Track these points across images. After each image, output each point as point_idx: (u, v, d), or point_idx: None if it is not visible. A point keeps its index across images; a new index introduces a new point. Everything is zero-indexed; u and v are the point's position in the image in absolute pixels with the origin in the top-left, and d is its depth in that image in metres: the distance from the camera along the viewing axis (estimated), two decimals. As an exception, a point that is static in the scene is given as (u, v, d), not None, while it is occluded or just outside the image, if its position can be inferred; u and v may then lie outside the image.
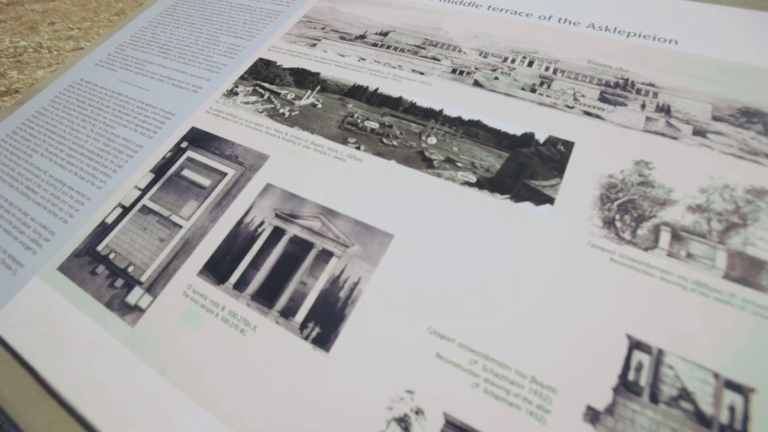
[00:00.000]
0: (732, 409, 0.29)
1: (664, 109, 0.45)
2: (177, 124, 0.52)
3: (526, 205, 0.38)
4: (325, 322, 0.34)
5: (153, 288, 0.39)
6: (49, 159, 0.54)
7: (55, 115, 0.59)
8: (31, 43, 3.68)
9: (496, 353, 0.31)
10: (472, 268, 0.36)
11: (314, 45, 0.55)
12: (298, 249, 0.38)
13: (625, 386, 0.30)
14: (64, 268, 0.43)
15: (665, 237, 0.36)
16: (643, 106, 0.45)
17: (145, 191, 0.47)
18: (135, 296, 0.39)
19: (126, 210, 0.46)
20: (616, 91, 0.46)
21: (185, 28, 0.65)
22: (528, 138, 0.43)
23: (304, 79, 0.51)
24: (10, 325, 0.40)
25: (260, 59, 0.55)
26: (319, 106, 0.48)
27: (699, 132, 0.42)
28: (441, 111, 0.45)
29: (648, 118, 0.44)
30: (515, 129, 0.43)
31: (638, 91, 0.46)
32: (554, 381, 0.30)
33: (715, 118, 0.43)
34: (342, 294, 0.35)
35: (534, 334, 0.32)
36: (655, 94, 0.46)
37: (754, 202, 0.37)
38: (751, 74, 0.46)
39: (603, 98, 0.46)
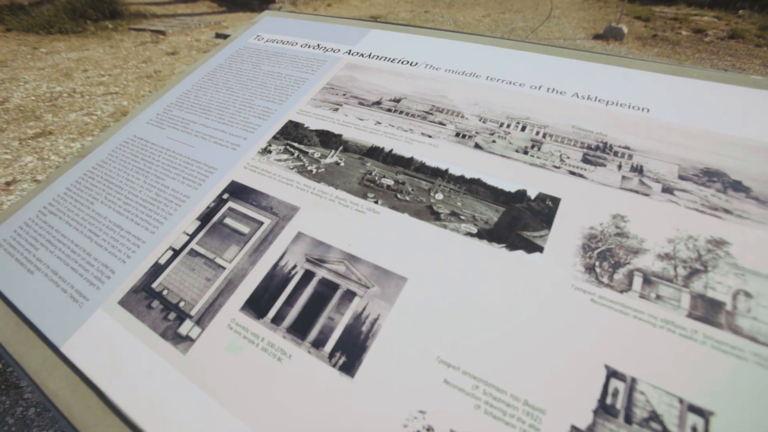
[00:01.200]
0: (694, 430, 0.34)
1: (638, 169, 0.52)
2: (219, 178, 0.60)
3: (520, 254, 0.45)
4: (350, 352, 0.41)
5: (201, 321, 0.46)
6: (108, 206, 0.62)
7: (113, 167, 0.69)
8: (66, 89, 3.94)
9: (494, 379, 0.37)
10: (474, 307, 0.42)
11: (336, 109, 0.65)
12: (326, 289, 0.45)
13: (604, 409, 0.35)
14: (123, 302, 0.50)
15: (638, 281, 0.42)
16: (620, 167, 0.53)
17: (192, 236, 0.54)
18: (186, 328, 0.46)
19: (176, 252, 0.53)
20: (597, 153, 0.54)
21: (224, 92, 0.75)
22: (521, 194, 0.50)
23: (328, 139, 0.60)
24: (78, 351, 0.47)
25: (290, 121, 0.65)
26: (342, 164, 0.56)
27: (667, 189, 0.50)
28: (447, 170, 0.53)
29: (624, 177, 0.52)
30: (510, 186, 0.51)
31: (615, 153, 0.54)
32: (543, 403, 0.36)
33: (681, 177, 0.51)
34: (364, 328, 0.42)
35: (526, 363, 0.38)
36: (630, 156, 0.54)
37: (714, 251, 0.44)
38: (713, 139, 0.54)
39: (585, 159, 0.54)
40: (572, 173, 0.52)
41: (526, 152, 0.55)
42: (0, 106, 3.62)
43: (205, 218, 0.56)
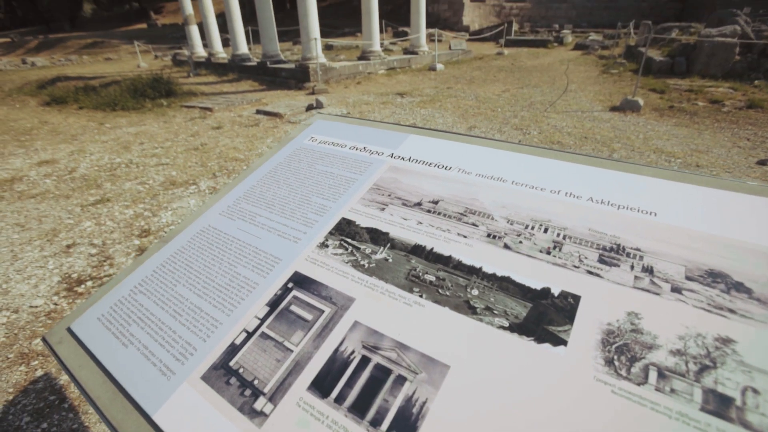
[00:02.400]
0: None
1: (648, 270, 0.60)
2: (283, 268, 0.72)
3: (546, 346, 0.53)
4: (403, 431, 0.48)
5: (273, 398, 0.54)
6: (189, 289, 0.74)
7: (192, 254, 0.82)
8: (124, 160, 4.41)
9: (530, 465, 0.43)
10: (507, 393, 0.49)
11: (383, 209, 0.77)
12: (381, 373, 0.53)
13: (630, 498, 0.40)
14: (205, 378, 0.59)
15: (653, 375, 0.48)
16: (632, 267, 0.61)
17: (263, 320, 0.65)
18: (260, 404, 0.54)
19: (249, 334, 0.63)
20: (611, 254, 0.63)
21: (285, 189, 0.90)
22: (545, 292, 0.59)
23: (377, 236, 0.72)
24: (167, 420, 0.56)
25: (343, 218, 0.77)
26: (390, 260, 0.67)
27: (676, 289, 0.57)
28: (480, 268, 0.63)
29: (636, 277, 0.59)
30: (536, 284, 0.60)
31: (628, 255, 0.62)
32: (575, 490, 0.41)
33: (688, 278, 0.58)
34: (414, 410, 0.49)
35: (558, 451, 0.44)
36: (641, 257, 0.62)
37: (721, 349, 0.50)
38: (715, 242, 0.62)
39: (601, 260, 0.62)
40: (590, 272, 0.60)
41: (548, 252, 0.64)
42: (68, 175, 4.06)
43: (273, 304, 0.66)
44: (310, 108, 5.97)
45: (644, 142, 4.48)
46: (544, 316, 0.55)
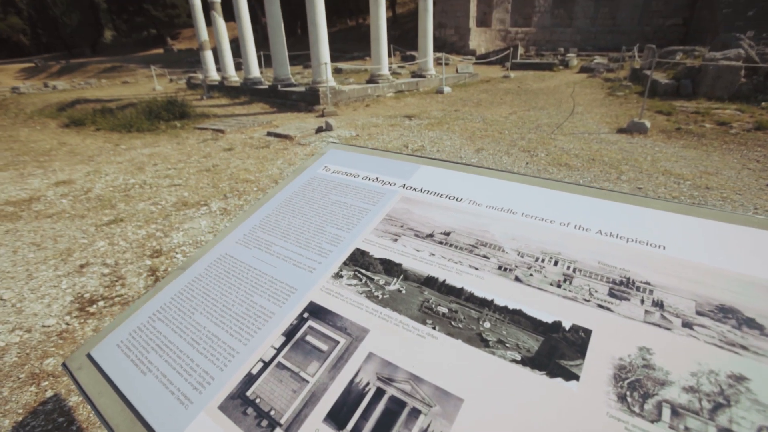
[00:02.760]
0: None
1: (659, 304, 0.61)
2: (299, 298, 0.74)
3: (559, 381, 0.53)
4: (417, 468, 0.48)
5: (290, 429, 0.55)
6: (207, 317, 0.76)
7: (209, 282, 0.84)
8: (138, 181, 4.52)
9: (545, 504, 0.43)
10: (521, 428, 0.49)
11: (396, 240, 0.79)
12: (396, 406, 0.54)
13: None
14: (222, 407, 0.61)
15: (666, 412, 0.49)
16: (642, 301, 0.62)
17: (279, 350, 0.66)
18: (276, 435, 0.55)
19: (266, 364, 0.65)
20: (621, 287, 0.64)
21: (299, 218, 0.93)
22: (557, 325, 0.60)
23: (390, 267, 0.73)
24: (186, 453, 0.57)
25: (357, 249, 0.79)
26: (403, 291, 0.68)
27: (687, 324, 0.58)
28: (492, 301, 0.64)
29: (647, 312, 0.60)
30: (547, 318, 0.61)
31: (638, 288, 0.63)
32: None
33: (699, 313, 0.59)
34: (428, 445, 0.50)
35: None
36: (651, 291, 0.63)
37: (735, 386, 0.50)
38: (725, 277, 0.63)
39: (611, 293, 0.63)
40: (600, 306, 0.61)
41: (559, 285, 0.65)
42: (84, 195, 4.16)
43: (289, 334, 0.68)
44: (319, 130, 6.09)
45: (652, 164, 4.48)
46: (556, 350, 0.56)
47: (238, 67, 13.33)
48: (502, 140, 5.51)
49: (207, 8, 12.25)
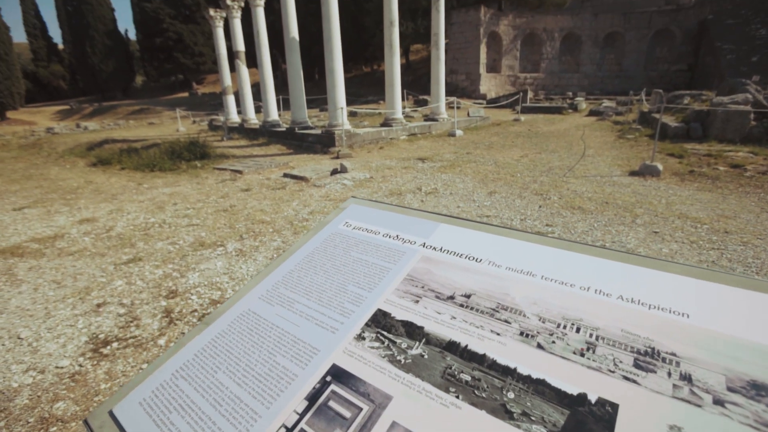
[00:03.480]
0: None
1: (687, 378, 0.60)
2: (322, 359, 0.74)
3: (589, 462, 0.52)
4: None
5: (312, 505, 0.55)
6: (229, 376, 0.77)
7: (232, 339, 0.86)
8: (158, 220, 4.65)
9: None
10: None
11: (417, 301, 0.81)
12: (420, 484, 0.53)
13: None
14: (244, 477, 0.60)
15: (705, 504, 0.47)
16: (669, 374, 0.61)
17: (302, 416, 0.66)
18: None
19: (288, 430, 0.65)
20: (646, 358, 0.63)
21: (321, 275, 0.95)
22: (582, 398, 0.59)
23: (412, 330, 0.74)
24: None
25: (379, 310, 0.81)
26: (426, 356, 0.69)
27: (718, 401, 0.56)
28: (515, 369, 0.64)
29: (675, 386, 0.59)
30: (572, 389, 0.60)
31: (663, 360, 0.63)
32: None
33: (730, 389, 0.57)
34: None
35: None
36: (678, 363, 0.62)
37: (775, 476, 0.48)
38: (756, 350, 0.62)
39: (637, 364, 0.63)
40: (626, 378, 0.61)
41: (582, 354, 0.65)
42: (106, 233, 4.29)
43: (311, 398, 0.68)
44: (334, 172, 6.26)
45: (667, 207, 4.44)
46: (583, 426, 0.55)
47: (258, 110, 13.99)
48: (514, 183, 5.56)
49: (232, 57, 13.10)
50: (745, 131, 7.63)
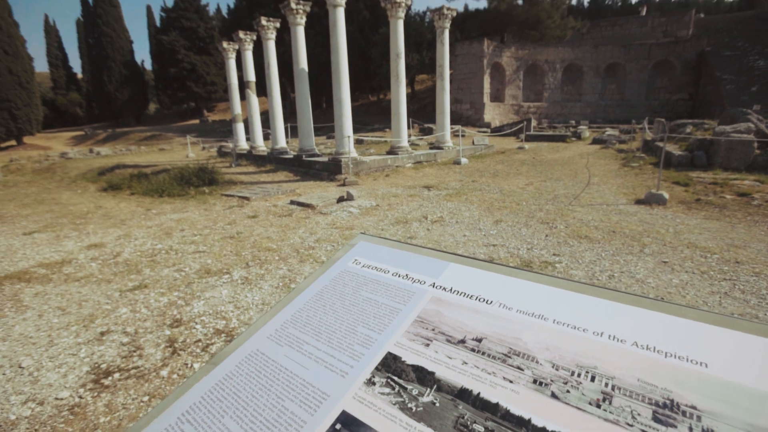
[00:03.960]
0: None
1: (709, 434, 0.58)
2: (331, 406, 0.73)
3: None
4: None
5: None
6: (236, 422, 0.76)
7: (240, 381, 0.85)
8: (165, 246, 4.68)
9: None
10: None
11: (428, 344, 0.80)
12: None
13: None
14: None
15: None
16: (690, 429, 0.59)
17: (310, 466, 0.64)
18: None
19: (296, 482, 0.63)
20: (665, 411, 0.61)
21: (331, 315, 0.95)
22: (601, 455, 0.57)
23: (423, 376, 0.73)
24: None
25: (389, 353, 0.80)
26: (437, 404, 0.67)
27: (744, 462, 0.54)
28: (530, 420, 0.62)
29: (697, 443, 0.57)
30: (590, 445, 0.58)
31: (683, 413, 0.61)
32: None
33: (756, 448, 0.55)
34: None
35: None
36: (699, 418, 0.60)
37: None
38: (777, 404, 0.60)
39: (656, 418, 0.61)
40: (646, 433, 0.59)
41: (598, 405, 0.63)
42: (113, 259, 4.31)
43: (321, 448, 0.66)
44: (341, 200, 6.31)
45: (675, 236, 4.40)
46: (604, 488, 0.53)
47: (266, 137, 14.31)
48: (520, 211, 5.56)
49: (243, 86, 13.53)
50: (749, 160, 7.65)
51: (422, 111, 26.56)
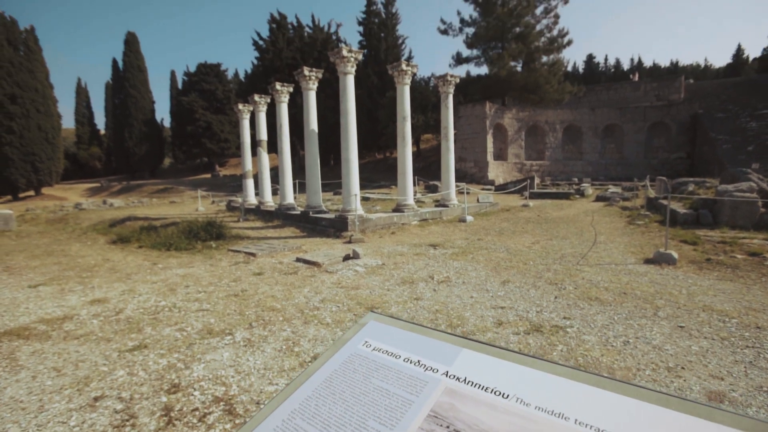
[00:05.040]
0: None
1: None
2: None
3: None
4: None
5: None
6: None
7: (245, 480, 0.80)
8: (168, 303, 4.63)
9: None
10: None
11: (444, 447, 0.76)
12: None
13: None
14: None
15: None
16: None
17: None
18: None
19: None
20: None
21: (340, 405, 0.91)
22: None
23: (440, 485, 0.69)
24: None
25: (403, 454, 0.76)
26: None
27: None
28: None
29: None
30: None
31: None
32: None
33: None
34: None
35: None
36: None
37: None
38: None
39: None
40: None
41: None
42: (115, 316, 4.25)
43: None
44: (347, 258, 6.31)
45: (689, 298, 4.28)
46: None
47: (275, 192, 14.68)
48: (527, 272, 5.50)
49: (255, 144, 14.17)
50: (755, 218, 7.65)
51: (427, 169, 27.37)
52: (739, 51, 51.17)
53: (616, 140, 26.58)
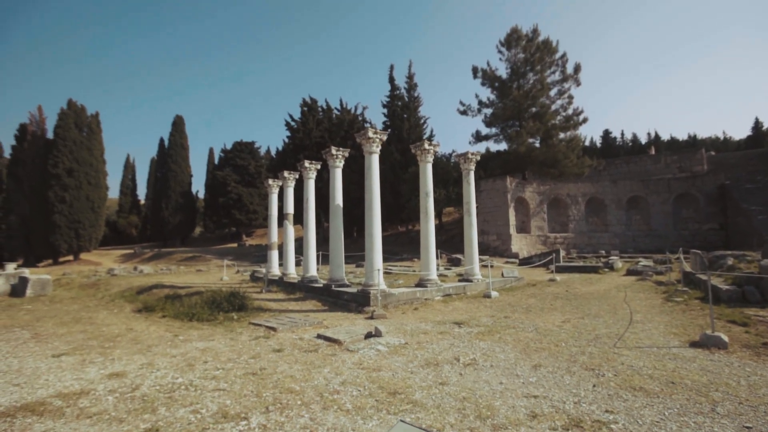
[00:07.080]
0: None
1: None
2: None
3: None
4: None
5: None
6: None
7: None
8: (185, 381, 4.53)
9: None
10: None
11: None
12: None
13: None
14: None
15: None
16: None
17: None
18: None
19: None
20: None
21: None
22: None
23: None
24: None
25: None
26: None
27: None
28: None
29: None
30: None
31: None
32: None
33: None
34: None
35: None
36: None
37: None
38: None
39: None
40: None
41: None
42: (131, 393, 4.15)
43: None
44: (369, 336, 6.13)
45: (751, 391, 3.82)
46: None
47: (298, 263, 14.85)
48: (559, 354, 5.14)
49: (281, 217, 14.73)
50: (810, 298, 7.06)
51: (450, 242, 27.32)
52: (758, 123, 54.52)
53: (641, 212, 26.12)
